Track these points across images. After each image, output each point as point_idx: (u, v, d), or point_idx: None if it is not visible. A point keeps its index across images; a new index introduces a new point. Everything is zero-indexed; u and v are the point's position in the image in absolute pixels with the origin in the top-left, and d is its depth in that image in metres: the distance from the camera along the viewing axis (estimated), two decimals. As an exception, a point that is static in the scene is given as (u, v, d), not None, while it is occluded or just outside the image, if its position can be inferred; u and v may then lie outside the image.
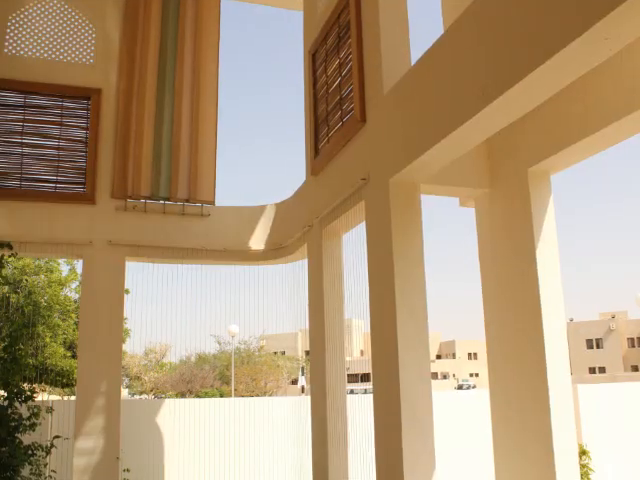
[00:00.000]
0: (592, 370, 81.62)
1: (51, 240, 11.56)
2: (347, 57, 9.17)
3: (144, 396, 46.15)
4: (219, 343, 51.41)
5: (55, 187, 11.86)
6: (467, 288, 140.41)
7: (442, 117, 6.55)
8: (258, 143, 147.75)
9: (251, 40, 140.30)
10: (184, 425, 13.09)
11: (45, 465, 10.75)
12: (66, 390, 29.84)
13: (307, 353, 12.35)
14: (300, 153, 11.56)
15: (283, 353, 64.80)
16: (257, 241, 12.73)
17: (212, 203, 12.47)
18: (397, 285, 7.47)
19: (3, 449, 9.42)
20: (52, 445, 10.27)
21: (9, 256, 10.44)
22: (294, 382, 53.83)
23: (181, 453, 12.93)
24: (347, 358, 10.26)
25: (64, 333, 26.50)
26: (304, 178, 11.47)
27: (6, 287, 24.78)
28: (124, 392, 45.65)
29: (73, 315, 26.68)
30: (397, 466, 7.21)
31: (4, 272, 20.26)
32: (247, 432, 13.45)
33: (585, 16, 4.43)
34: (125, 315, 12.22)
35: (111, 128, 12.22)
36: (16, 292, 25.23)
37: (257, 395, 41.74)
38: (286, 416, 13.36)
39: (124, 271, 11.92)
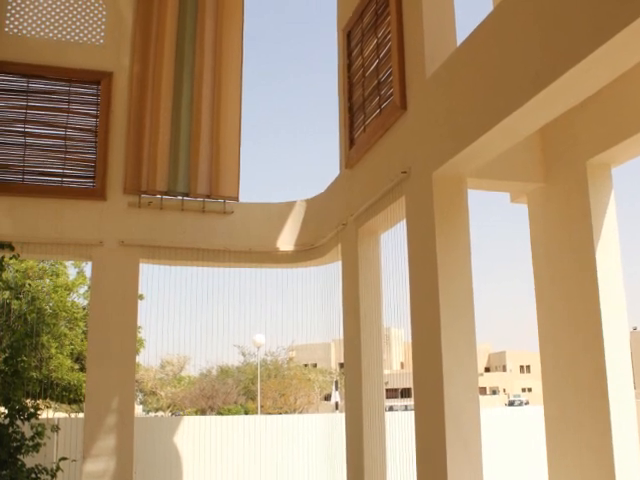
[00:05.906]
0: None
1: (57, 240, 11.66)
2: (386, 37, 9.19)
3: (160, 413, 46.43)
4: (243, 354, 51.49)
5: (61, 181, 11.97)
6: (519, 293, 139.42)
7: (491, 103, 6.58)
8: (287, 133, 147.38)
9: (270, 21, 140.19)
10: (205, 445, 13.17)
11: (50, 489, 10.83)
12: (73, 407, 30.09)
13: (341, 366, 12.39)
14: (334, 144, 11.59)
15: (315, 366, 64.71)
16: (285, 241, 12.76)
17: (236, 199, 12.52)
18: (441, 290, 7.50)
19: (4, 472, 9.46)
20: (58, 468, 10.21)
21: (10, 258, 10.50)
22: (327, 398, 53.85)
23: (201, 476, 13.01)
24: (386, 371, 10.28)
25: (71, 343, 26.68)
26: (338, 171, 11.51)
27: (7, 292, 24.93)
28: (138, 409, 45.89)
29: (81, 323, 26.84)
30: (441, 491, 7.24)
31: (5, 276, 20.47)
32: (275, 453, 13.51)
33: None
34: (139, 323, 12.30)
35: (124, 116, 12.30)
36: (18, 298, 25.40)
37: (286, 412, 41.82)
38: (318, 435, 13.39)
39: (138, 274, 12.00)
